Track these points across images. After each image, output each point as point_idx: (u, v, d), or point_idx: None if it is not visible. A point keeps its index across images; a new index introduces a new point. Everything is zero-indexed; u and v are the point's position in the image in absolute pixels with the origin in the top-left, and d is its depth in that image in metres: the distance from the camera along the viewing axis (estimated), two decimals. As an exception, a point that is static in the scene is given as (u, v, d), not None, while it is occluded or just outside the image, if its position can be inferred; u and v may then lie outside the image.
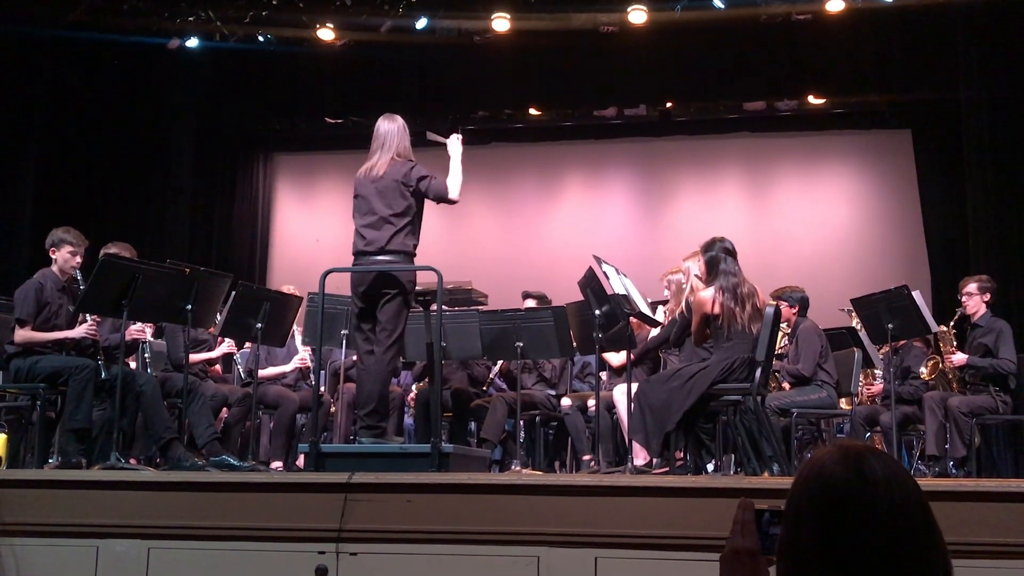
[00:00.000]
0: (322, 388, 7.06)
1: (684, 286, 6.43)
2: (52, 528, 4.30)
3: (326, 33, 10.36)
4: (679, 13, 9.81)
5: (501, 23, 10.01)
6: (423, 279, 5.62)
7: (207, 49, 10.62)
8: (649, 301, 6.90)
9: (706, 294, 5.66)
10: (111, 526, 4.28)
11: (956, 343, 7.25)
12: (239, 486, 4.39)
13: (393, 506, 4.13)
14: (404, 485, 4.18)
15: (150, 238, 10.27)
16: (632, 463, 5.83)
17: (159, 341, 7.00)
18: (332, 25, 10.33)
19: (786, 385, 6.98)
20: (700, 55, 10.33)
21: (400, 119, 5.72)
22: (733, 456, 6.35)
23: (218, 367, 7.41)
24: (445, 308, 6.22)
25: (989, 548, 3.61)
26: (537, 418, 7.39)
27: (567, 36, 10.12)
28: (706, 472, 6.06)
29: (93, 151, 10.81)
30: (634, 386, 5.93)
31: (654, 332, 6.92)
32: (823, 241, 10.92)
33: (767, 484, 4.26)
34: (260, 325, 6.40)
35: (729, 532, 1.72)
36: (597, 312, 6.07)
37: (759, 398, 5.62)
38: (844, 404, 7.28)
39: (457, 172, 5.61)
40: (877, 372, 7.80)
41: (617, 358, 7.19)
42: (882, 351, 7.58)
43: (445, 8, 10.16)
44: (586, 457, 7.00)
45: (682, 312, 6.34)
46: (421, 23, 10.13)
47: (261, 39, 10.57)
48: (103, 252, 6.07)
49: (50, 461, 5.85)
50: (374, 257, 5.48)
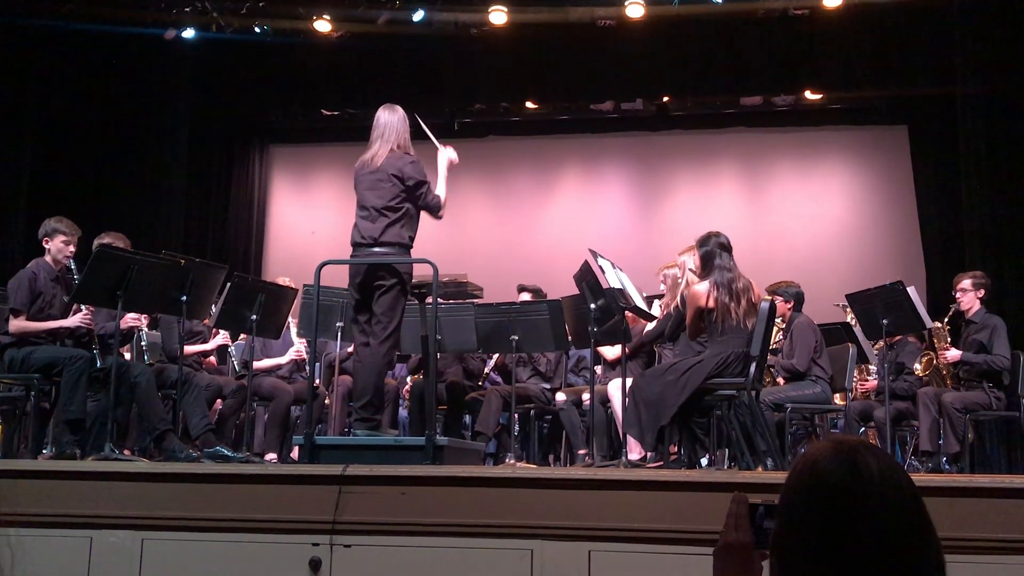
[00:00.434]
0: (317, 380, 7.06)
1: (679, 280, 6.43)
2: (46, 519, 4.29)
3: (323, 25, 10.35)
4: (676, 7, 9.81)
5: (498, 16, 10.01)
6: (418, 272, 5.60)
7: (203, 40, 10.61)
8: (645, 295, 6.90)
9: (701, 288, 5.66)
10: (105, 517, 4.27)
11: (950, 339, 7.27)
12: (233, 478, 4.38)
13: (387, 498, 4.13)
14: (398, 477, 4.18)
15: (145, 229, 10.24)
16: (626, 457, 5.83)
17: (153, 332, 6.99)
18: (329, 17, 10.33)
19: (780, 380, 7.00)
20: (697, 50, 10.34)
21: (400, 110, 5.70)
22: (727, 451, 6.35)
23: (213, 359, 7.40)
24: (440, 301, 6.21)
25: (982, 543, 3.62)
26: (532, 411, 7.39)
27: (564, 29, 10.13)
28: (700, 466, 6.06)
29: (88, 141, 10.79)
30: (629, 380, 5.93)
31: (649, 326, 6.92)
32: (819, 236, 10.93)
33: (761, 479, 4.27)
34: (255, 317, 6.38)
35: (723, 526, 1.73)
36: (592, 306, 6.06)
37: (753, 393, 5.63)
38: (838, 399, 7.29)
39: (443, 188, 5.62)
40: (871, 368, 7.81)
41: (612, 352, 7.19)
42: (876, 347, 7.59)
43: (442, 0, 10.16)
44: (580, 451, 7.00)
45: (677, 306, 6.34)
46: (418, 15, 10.12)
47: (258, 30, 10.57)
48: (97, 242, 6.05)
49: (44, 452, 5.85)
50: (369, 249, 5.47)
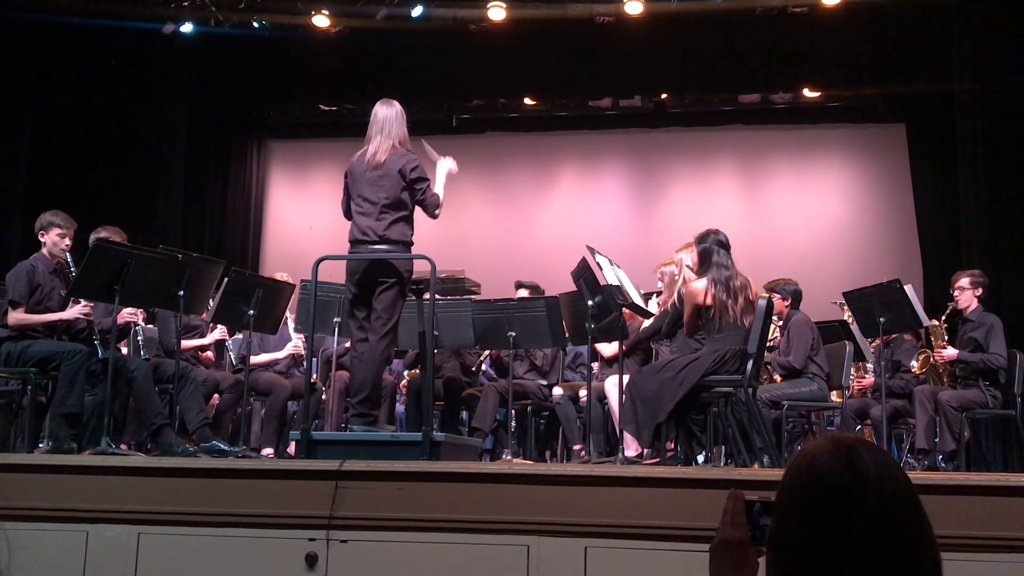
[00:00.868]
0: (314, 375, 7.05)
1: (677, 277, 6.43)
2: (42, 513, 4.29)
3: (321, 20, 10.33)
4: (675, 4, 9.81)
5: (497, 12, 9.99)
6: (416, 268, 5.60)
7: (201, 34, 10.58)
8: (642, 292, 6.90)
9: (698, 285, 5.67)
10: (101, 511, 4.27)
11: (947, 337, 7.28)
12: (230, 472, 4.38)
13: (384, 494, 4.13)
14: (395, 473, 4.18)
15: (143, 224, 10.22)
16: (623, 453, 5.83)
17: (151, 327, 6.99)
18: (327, 12, 10.31)
19: (777, 377, 7.00)
20: (696, 47, 10.34)
21: (398, 105, 5.69)
22: (724, 447, 6.35)
23: (210, 353, 7.40)
24: (438, 297, 6.21)
25: (978, 541, 3.62)
26: (529, 408, 7.39)
27: (563, 26, 10.12)
28: (696, 463, 6.07)
29: (86, 136, 10.77)
30: (626, 377, 5.93)
31: (646, 323, 6.92)
32: (816, 234, 10.93)
33: (757, 475, 4.27)
34: (252, 312, 6.38)
35: (719, 523, 1.73)
36: (590, 303, 6.06)
37: (750, 390, 5.63)
38: (835, 397, 7.30)
39: (440, 192, 5.62)
40: (868, 365, 7.81)
41: (609, 349, 7.20)
42: (873, 344, 7.60)
43: (440, -4, 10.16)
44: (577, 447, 7.01)
45: (674, 303, 6.34)
46: (417, 11, 10.11)
47: (256, 25, 10.54)
48: (94, 236, 6.04)
49: (40, 446, 5.84)
50: (372, 246, 5.46)
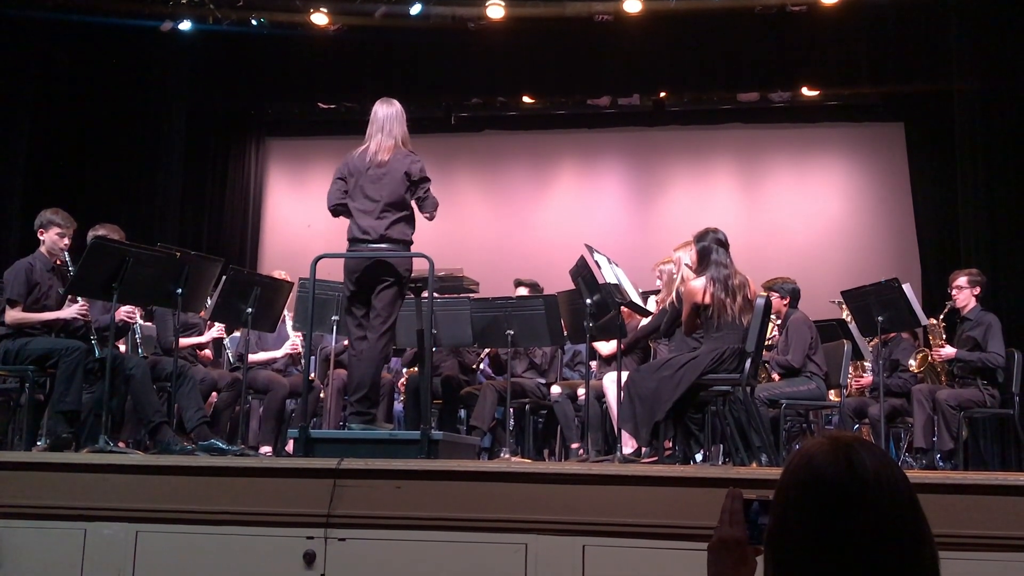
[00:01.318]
0: (312, 374, 7.05)
1: (675, 276, 6.43)
2: (40, 511, 4.28)
3: (320, 18, 10.33)
4: (674, 3, 9.81)
5: (495, 10, 9.98)
6: (415, 266, 5.60)
7: (200, 32, 10.57)
8: (640, 291, 6.90)
9: (697, 284, 5.66)
10: (99, 509, 4.27)
11: (945, 336, 7.28)
12: (228, 470, 4.37)
13: (382, 492, 4.13)
14: (393, 471, 4.18)
15: (141, 221, 10.22)
16: (621, 452, 5.84)
17: (148, 324, 6.98)
18: (326, 10, 10.31)
19: (775, 376, 7.00)
20: (694, 45, 10.34)
21: (398, 104, 5.68)
22: (722, 446, 6.36)
23: (208, 352, 7.39)
24: (436, 295, 6.22)
25: (976, 540, 3.62)
26: (527, 406, 7.39)
27: (561, 24, 10.11)
28: (695, 462, 6.07)
29: (84, 133, 10.76)
30: (624, 375, 5.93)
31: (644, 322, 6.92)
32: (814, 233, 10.94)
33: (755, 474, 4.27)
34: (250, 310, 6.38)
35: (717, 521, 1.73)
36: (588, 301, 6.07)
37: (748, 389, 5.63)
38: (833, 396, 7.30)
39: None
40: (866, 364, 7.81)
41: (607, 347, 7.20)
42: (871, 343, 7.60)
43: (439, -6, 10.15)
44: (575, 445, 7.01)
45: (673, 302, 6.34)
46: (415, 9, 10.10)
47: (254, 23, 10.52)
48: (92, 234, 6.03)
49: (38, 444, 5.83)
50: (372, 245, 5.46)
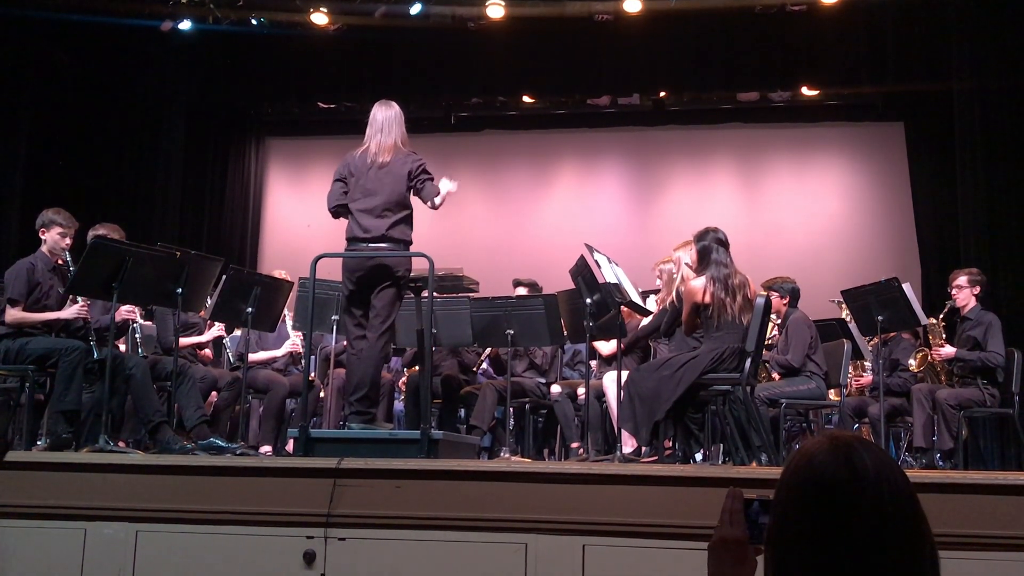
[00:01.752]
0: (312, 373, 7.05)
1: (675, 275, 6.43)
2: (40, 510, 4.29)
3: (320, 17, 10.32)
4: (674, 2, 9.80)
5: (495, 10, 9.98)
6: (415, 265, 5.61)
7: (200, 32, 10.56)
8: (640, 290, 6.90)
9: (697, 283, 5.66)
10: (99, 509, 4.27)
11: (945, 336, 7.28)
12: (228, 470, 4.38)
13: (382, 492, 4.13)
14: (393, 471, 4.18)
15: (141, 221, 10.22)
16: (621, 451, 5.84)
17: (148, 324, 6.98)
18: (326, 9, 10.30)
19: (775, 375, 7.00)
20: (694, 45, 10.34)
21: (396, 106, 5.71)
22: (722, 445, 6.36)
23: (208, 351, 7.39)
24: (436, 295, 6.21)
25: (976, 540, 3.63)
26: (527, 405, 7.39)
27: (561, 23, 10.11)
28: (694, 461, 6.07)
29: (84, 133, 10.75)
30: (624, 375, 5.93)
31: (645, 321, 6.92)
32: (814, 232, 10.93)
33: (755, 474, 4.27)
34: (250, 309, 6.38)
35: (718, 521, 1.73)
36: (588, 301, 6.07)
37: (748, 388, 5.63)
38: (833, 395, 7.30)
39: (443, 197, 5.56)
40: (866, 364, 7.81)
41: (607, 347, 7.20)
42: (871, 343, 7.59)
43: (439, -6, 10.15)
44: (575, 445, 7.01)
45: (673, 302, 6.34)
46: (415, 8, 10.10)
47: (254, 22, 10.52)
48: (91, 233, 6.04)
49: (38, 443, 5.84)
50: (372, 244, 5.47)
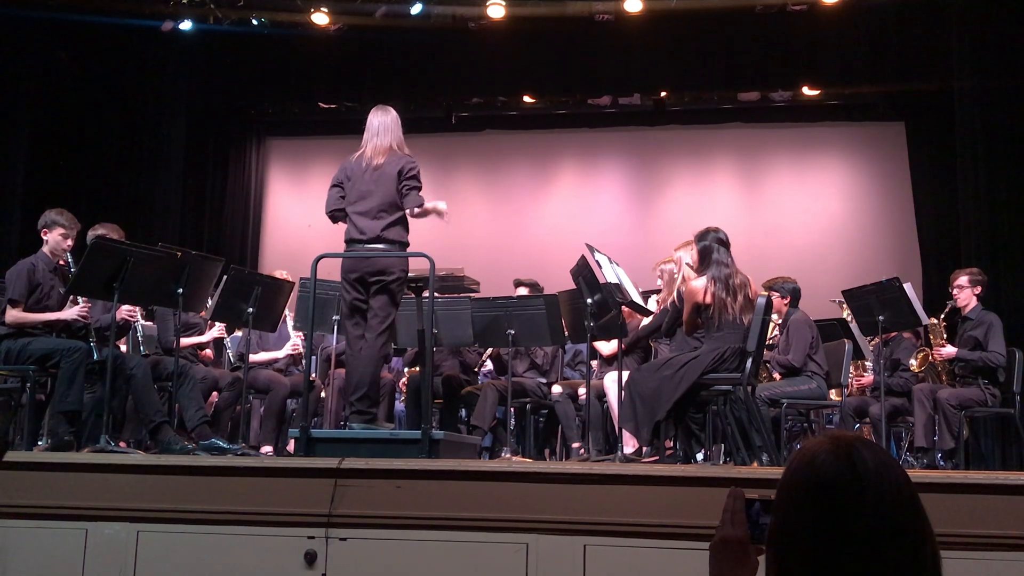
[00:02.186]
0: (313, 373, 7.05)
1: (676, 275, 6.43)
2: (41, 511, 4.28)
3: (320, 17, 10.33)
4: (674, 2, 9.80)
5: (496, 10, 9.98)
6: (415, 266, 5.62)
7: (200, 32, 10.57)
8: (641, 290, 6.90)
9: (698, 283, 5.67)
10: (100, 509, 4.27)
11: (946, 335, 7.27)
12: (229, 470, 4.38)
13: (383, 492, 4.13)
14: (394, 471, 4.18)
15: (142, 221, 10.22)
16: (622, 451, 5.83)
17: (149, 324, 6.98)
18: (326, 9, 10.31)
19: (776, 376, 7.00)
20: (694, 45, 10.34)
21: (393, 111, 5.76)
22: (723, 446, 6.36)
23: (209, 351, 7.39)
24: (437, 295, 6.21)
25: (977, 540, 3.63)
26: (528, 405, 7.39)
27: (562, 24, 10.11)
28: (696, 461, 6.07)
29: (85, 133, 10.76)
30: (625, 375, 5.93)
31: (645, 321, 6.92)
32: (815, 232, 10.93)
33: (757, 474, 4.27)
34: (251, 310, 6.37)
35: (719, 521, 1.73)
36: (589, 301, 6.07)
37: (749, 388, 5.63)
38: (834, 395, 7.30)
39: (424, 210, 5.57)
40: (867, 364, 7.81)
41: (608, 347, 7.20)
42: (872, 343, 7.59)
43: (440, -6, 10.15)
44: (576, 445, 7.00)
45: (674, 302, 6.34)
46: (416, 9, 10.10)
47: (255, 22, 10.53)
48: (92, 233, 6.04)
49: (39, 443, 5.84)
50: (368, 245, 5.49)
